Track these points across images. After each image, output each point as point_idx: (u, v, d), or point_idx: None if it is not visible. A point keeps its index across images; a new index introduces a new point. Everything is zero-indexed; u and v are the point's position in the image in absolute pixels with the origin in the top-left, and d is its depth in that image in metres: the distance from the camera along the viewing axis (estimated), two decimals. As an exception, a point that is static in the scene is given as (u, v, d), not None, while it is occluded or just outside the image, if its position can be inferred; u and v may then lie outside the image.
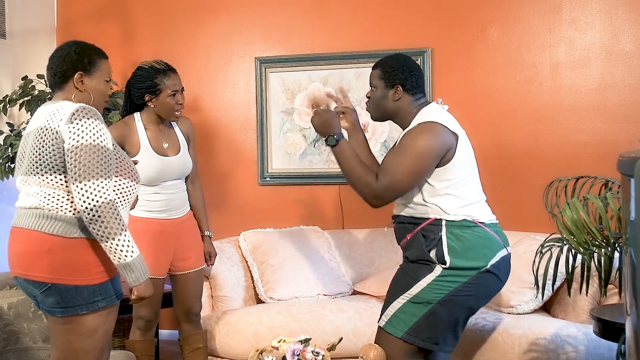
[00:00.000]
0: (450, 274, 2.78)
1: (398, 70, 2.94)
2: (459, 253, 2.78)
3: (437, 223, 2.82)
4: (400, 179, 2.78)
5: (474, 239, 2.80)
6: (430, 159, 2.78)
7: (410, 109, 2.95)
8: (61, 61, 2.54)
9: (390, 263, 4.23)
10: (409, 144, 2.81)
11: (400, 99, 2.94)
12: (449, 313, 2.79)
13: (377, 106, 3.00)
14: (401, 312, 2.82)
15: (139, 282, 2.45)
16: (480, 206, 2.90)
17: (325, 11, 4.68)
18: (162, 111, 3.38)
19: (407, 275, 2.87)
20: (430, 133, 2.80)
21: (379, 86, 2.97)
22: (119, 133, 3.31)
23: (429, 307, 2.78)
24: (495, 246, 2.83)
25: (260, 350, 3.01)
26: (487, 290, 2.87)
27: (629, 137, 4.09)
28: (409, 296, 2.81)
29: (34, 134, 2.48)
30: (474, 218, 2.82)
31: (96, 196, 2.36)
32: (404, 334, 2.80)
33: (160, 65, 3.38)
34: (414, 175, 2.79)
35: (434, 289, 2.78)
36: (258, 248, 4.21)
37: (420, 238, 2.84)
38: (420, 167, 2.78)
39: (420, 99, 2.98)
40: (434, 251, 2.81)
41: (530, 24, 4.34)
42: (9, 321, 3.05)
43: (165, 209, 3.42)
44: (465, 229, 2.81)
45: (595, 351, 3.28)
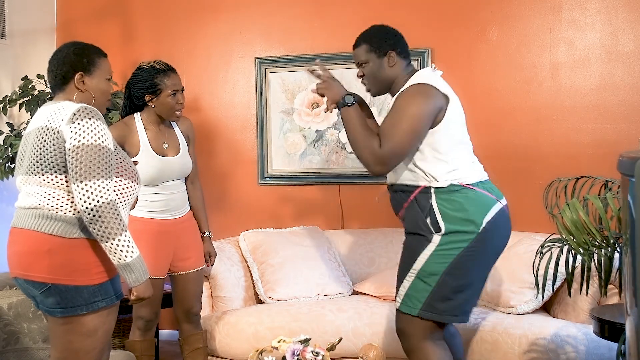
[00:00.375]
0: (449, 240, 2.78)
1: (384, 37, 2.97)
2: (452, 217, 2.78)
3: (427, 191, 2.83)
4: (402, 141, 2.78)
5: (464, 200, 2.80)
6: (425, 119, 2.79)
7: (403, 74, 2.96)
8: (60, 63, 2.54)
9: (390, 263, 4.23)
10: (403, 106, 2.81)
11: (395, 64, 2.95)
12: (459, 280, 2.79)
13: (375, 78, 2.99)
14: (412, 290, 2.82)
15: (138, 283, 2.45)
16: (469, 169, 2.89)
17: (325, 11, 4.68)
18: (162, 111, 3.38)
19: (409, 250, 2.88)
20: (422, 94, 2.81)
21: (371, 59, 2.97)
22: (119, 133, 3.31)
23: (437, 279, 2.77)
24: (488, 203, 2.83)
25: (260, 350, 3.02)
26: (492, 247, 2.86)
27: (629, 137, 4.09)
28: (415, 272, 2.82)
29: (34, 134, 2.48)
30: (461, 181, 2.82)
31: (97, 196, 2.36)
32: (420, 311, 2.80)
33: (160, 65, 3.38)
34: (413, 135, 2.79)
35: (437, 260, 2.78)
36: (258, 248, 4.21)
37: (416, 207, 2.85)
38: (417, 127, 2.78)
39: (409, 65, 3.01)
40: (428, 219, 2.81)
41: (530, 24, 4.34)
42: (9, 321, 3.05)
43: (165, 209, 3.42)
44: (453, 193, 2.81)
45: (595, 351, 3.28)
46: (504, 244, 2.93)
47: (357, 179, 4.60)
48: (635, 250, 1.67)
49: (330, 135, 4.65)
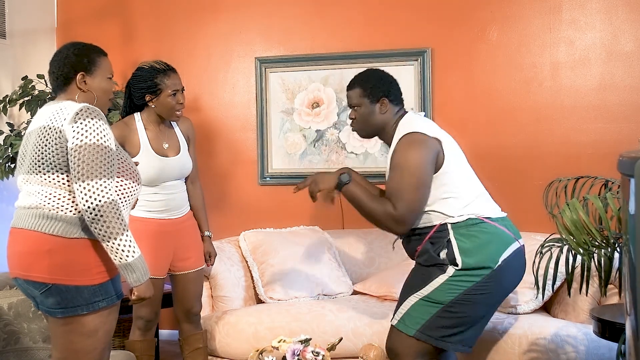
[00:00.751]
0: (464, 273, 2.78)
1: (378, 83, 2.98)
2: (469, 252, 2.78)
3: (443, 228, 2.83)
4: (414, 197, 2.78)
5: (482, 235, 2.80)
6: (427, 168, 2.80)
7: (392, 121, 2.98)
8: (61, 64, 2.54)
9: (390, 263, 4.23)
10: (403, 161, 2.82)
11: (387, 111, 2.97)
12: (463, 312, 2.78)
13: (366, 123, 3.01)
14: (414, 310, 2.82)
15: (139, 283, 2.45)
16: (482, 201, 2.90)
17: (325, 11, 4.68)
18: (162, 111, 3.38)
19: (420, 275, 2.87)
20: (416, 144, 2.82)
21: (363, 103, 2.98)
22: (119, 133, 3.31)
23: (441, 306, 2.77)
24: (506, 240, 2.83)
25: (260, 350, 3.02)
26: (501, 286, 2.86)
27: (629, 137, 4.09)
28: (421, 295, 2.81)
29: (36, 133, 2.48)
30: (478, 215, 2.82)
31: (99, 196, 2.36)
32: (416, 332, 2.80)
33: (160, 65, 3.38)
34: (422, 188, 2.80)
35: (447, 290, 2.78)
36: (258, 248, 4.21)
37: (431, 246, 2.85)
38: (423, 178, 2.79)
39: (400, 110, 3.01)
40: (444, 252, 2.81)
41: (530, 24, 4.34)
42: (9, 321, 3.05)
43: (165, 209, 3.42)
44: (471, 227, 2.80)
45: (595, 351, 3.28)
46: (515, 285, 2.93)
47: (357, 179, 4.59)
48: (635, 250, 1.67)
49: (331, 135, 4.65)
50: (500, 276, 2.81)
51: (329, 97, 4.63)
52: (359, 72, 3.08)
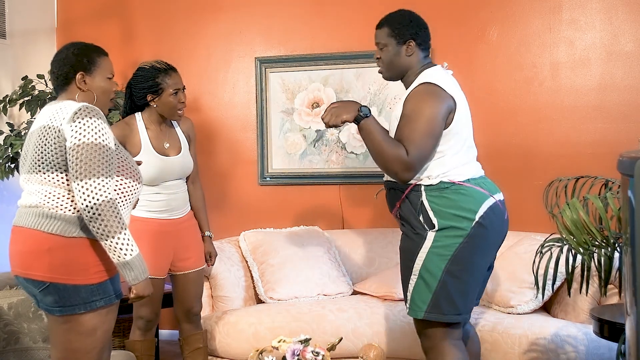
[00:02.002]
0: (444, 235, 2.77)
1: (407, 25, 2.93)
2: (444, 213, 2.77)
3: (417, 189, 2.82)
4: (425, 145, 2.76)
5: (454, 196, 2.79)
6: (440, 120, 2.78)
7: (417, 66, 2.93)
8: (61, 64, 2.55)
9: (390, 263, 4.23)
10: (416, 109, 2.79)
11: (412, 54, 2.93)
12: (459, 277, 2.77)
13: (391, 64, 2.95)
14: (416, 293, 2.82)
15: (138, 281, 2.45)
16: (462, 168, 2.86)
17: (325, 11, 4.68)
18: (164, 110, 3.39)
19: (406, 252, 2.88)
20: (432, 95, 2.80)
21: (390, 44, 2.94)
22: (120, 133, 3.31)
23: (438, 279, 2.77)
24: (479, 198, 2.80)
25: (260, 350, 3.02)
26: (486, 242, 2.83)
27: (629, 137, 4.09)
28: (416, 273, 2.81)
29: (37, 133, 2.49)
30: (451, 179, 2.81)
31: (97, 194, 2.36)
32: (424, 314, 2.79)
33: (161, 65, 3.39)
34: (433, 137, 2.77)
35: (434, 258, 2.77)
36: (258, 248, 4.21)
37: (408, 204, 2.84)
38: (435, 128, 2.77)
39: (426, 57, 2.97)
40: (421, 216, 2.81)
41: (530, 24, 4.34)
42: (9, 321, 3.05)
43: (166, 209, 3.42)
44: (443, 190, 2.80)
45: (595, 351, 3.28)
46: (500, 239, 2.91)
47: (357, 178, 4.60)
48: (635, 250, 1.67)
49: (330, 135, 4.65)
50: (481, 232, 2.78)
51: (329, 97, 4.63)
52: (391, 12, 3.02)
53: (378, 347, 3.30)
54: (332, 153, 4.65)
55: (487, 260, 2.90)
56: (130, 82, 3.42)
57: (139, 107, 3.44)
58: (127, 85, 3.46)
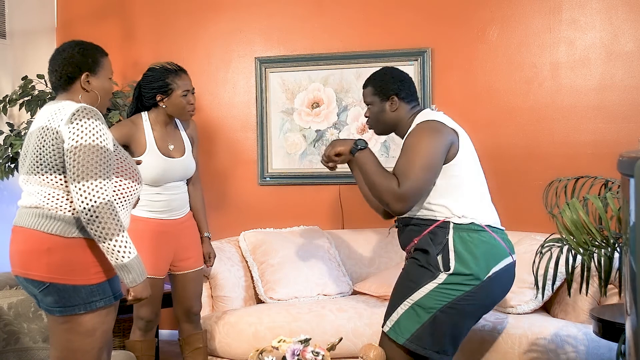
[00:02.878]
0: (454, 281, 2.78)
1: (389, 82, 3.00)
2: (464, 259, 2.78)
3: (445, 226, 2.83)
4: (419, 178, 2.78)
5: (479, 244, 2.80)
6: (439, 153, 2.80)
7: (407, 116, 3.00)
8: (65, 63, 2.53)
9: (390, 263, 4.23)
10: (414, 143, 2.83)
11: (397, 109, 2.99)
12: (452, 321, 2.80)
13: (378, 121, 3.04)
14: (404, 319, 2.83)
15: (136, 283, 2.45)
16: (487, 207, 2.90)
17: (325, 11, 4.68)
18: (174, 111, 3.40)
19: (410, 280, 2.87)
20: (431, 129, 2.84)
21: (375, 102, 3.02)
22: (126, 131, 3.33)
23: (431, 314, 2.78)
24: (500, 253, 2.84)
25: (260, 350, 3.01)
26: (490, 298, 2.88)
27: (629, 137, 4.09)
28: (411, 302, 2.82)
29: (36, 134, 2.49)
30: (481, 222, 2.83)
31: (94, 196, 2.36)
32: (405, 341, 2.81)
33: (171, 66, 3.42)
34: (429, 170, 2.80)
35: (436, 296, 2.79)
36: (258, 248, 4.21)
37: (429, 241, 2.84)
38: (432, 162, 2.80)
39: (415, 107, 3.04)
40: (440, 256, 2.81)
41: (530, 24, 4.34)
42: (9, 321, 3.05)
43: (166, 209, 3.42)
44: (472, 232, 2.81)
45: (595, 351, 3.28)
46: (501, 297, 2.95)
47: (357, 179, 4.60)
48: (635, 250, 1.67)
49: (331, 135, 4.65)
50: (489, 288, 2.82)
51: (329, 97, 4.63)
52: (374, 71, 3.10)
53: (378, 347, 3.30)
54: (332, 153, 4.65)
55: (484, 313, 2.94)
56: (140, 83, 3.43)
57: (146, 108, 3.44)
58: (136, 86, 3.47)
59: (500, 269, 2.82)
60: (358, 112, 4.57)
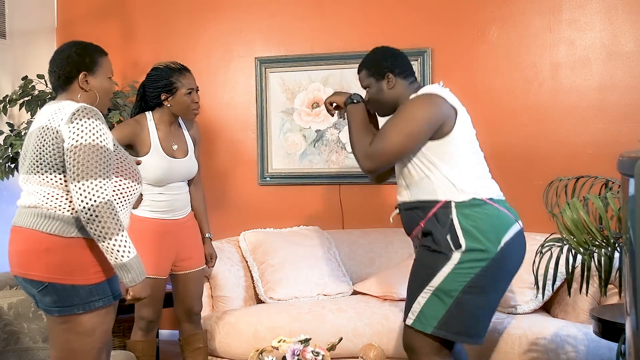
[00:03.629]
0: (468, 258, 2.74)
1: (381, 60, 2.99)
2: (472, 234, 2.75)
3: (447, 206, 2.80)
4: (394, 141, 2.78)
5: (485, 217, 2.78)
6: (425, 124, 2.78)
7: (407, 92, 2.96)
8: (64, 63, 2.54)
9: (390, 263, 4.23)
10: (405, 110, 2.84)
11: (395, 86, 2.97)
12: (476, 300, 2.76)
13: (377, 101, 3.01)
14: (427, 307, 2.78)
15: (135, 283, 2.44)
16: (487, 181, 2.89)
17: (325, 11, 4.68)
18: (179, 110, 3.40)
19: (425, 267, 2.83)
20: (427, 102, 2.83)
21: (371, 83, 3.01)
22: (131, 131, 3.33)
23: (454, 297, 2.75)
24: (507, 222, 2.81)
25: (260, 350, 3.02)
26: (507, 269, 2.84)
27: (629, 137, 4.09)
28: (432, 288, 2.78)
29: (36, 133, 2.49)
30: (482, 196, 2.81)
31: (94, 196, 2.36)
32: (434, 329, 2.77)
33: (175, 65, 3.44)
34: (408, 137, 2.78)
35: (455, 278, 2.75)
36: (258, 248, 4.21)
37: (435, 223, 2.81)
38: (415, 130, 2.78)
39: (413, 82, 3.01)
40: (449, 236, 2.78)
41: (530, 24, 4.34)
42: (9, 321, 3.05)
43: (168, 210, 3.43)
44: (475, 207, 2.78)
45: (595, 351, 3.28)
46: (518, 266, 2.91)
47: (357, 179, 4.60)
48: (635, 250, 1.67)
49: (331, 135, 4.65)
50: (504, 259, 2.78)
51: (329, 97, 4.63)
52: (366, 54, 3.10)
53: (378, 347, 3.30)
54: (332, 153, 4.65)
55: (505, 285, 2.89)
56: (144, 83, 3.44)
57: (150, 108, 3.44)
58: (140, 86, 3.47)
59: (510, 238, 2.79)
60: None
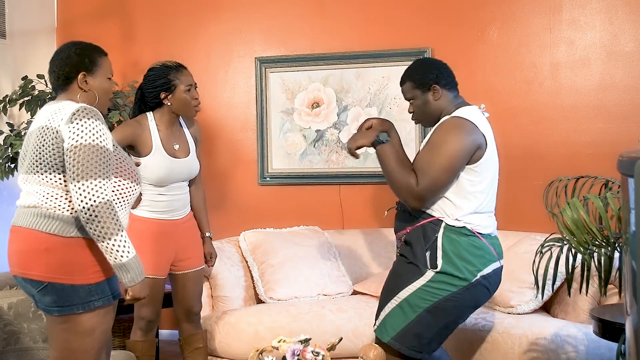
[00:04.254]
0: (441, 279, 2.78)
1: (426, 72, 2.95)
2: (451, 259, 2.78)
3: (437, 223, 2.82)
4: (439, 178, 2.77)
5: (468, 247, 2.80)
6: (462, 156, 2.78)
7: (450, 107, 2.93)
8: (63, 64, 2.54)
9: (390, 263, 4.19)
10: (441, 140, 2.80)
11: (440, 97, 2.93)
12: (436, 321, 2.81)
13: (423, 113, 2.98)
14: (390, 317, 2.85)
15: (134, 283, 2.45)
16: (485, 218, 2.89)
17: (325, 11, 4.68)
18: (179, 107, 3.40)
19: (397, 277, 2.89)
20: (460, 129, 2.80)
21: (417, 95, 2.96)
22: (132, 131, 3.33)
23: (416, 314, 2.79)
24: (488, 257, 2.84)
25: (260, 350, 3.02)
26: (475, 300, 2.88)
27: (629, 137, 4.09)
28: (398, 300, 2.83)
29: (35, 133, 2.49)
30: (474, 228, 2.83)
31: (94, 196, 2.36)
32: (390, 339, 2.83)
33: (171, 63, 3.43)
34: (451, 172, 2.78)
35: (423, 295, 2.80)
36: (258, 248, 4.21)
37: (420, 235, 2.84)
38: (454, 163, 2.77)
39: (457, 97, 2.98)
40: (428, 252, 2.81)
41: (530, 24, 4.34)
42: (9, 321, 3.05)
43: (168, 210, 3.42)
44: (461, 235, 2.81)
45: (595, 351, 3.28)
46: (486, 300, 2.95)
47: (357, 178, 4.60)
48: (635, 250, 1.67)
49: (331, 135, 4.65)
50: (475, 290, 2.83)
51: (329, 97, 4.63)
52: (408, 66, 3.04)
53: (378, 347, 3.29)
54: (332, 153, 4.65)
55: (468, 315, 2.94)
56: (142, 85, 3.43)
57: (150, 110, 3.44)
58: (138, 88, 3.47)
59: (487, 273, 2.83)
60: (358, 112, 4.57)
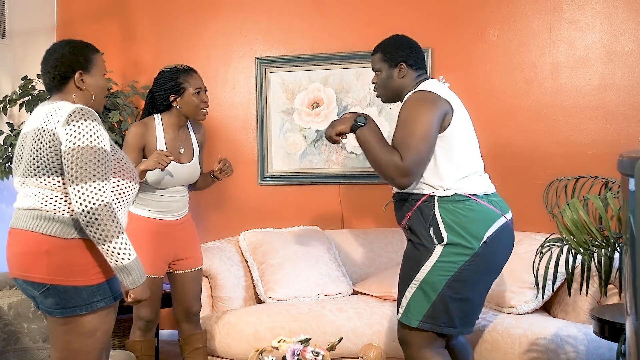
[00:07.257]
0: (450, 251, 2.78)
1: (398, 48, 2.99)
2: (454, 228, 2.79)
3: (430, 200, 2.83)
4: (420, 149, 2.77)
5: (467, 212, 2.80)
6: (434, 125, 2.79)
7: (411, 84, 2.98)
8: (57, 63, 2.52)
9: (390, 263, 4.23)
10: (409, 115, 2.82)
11: (405, 76, 2.98)
12: (460, 293, 2.79)
13: (385, 87, 3.03)
14: (413, 301, 2.83)
15: (136, 285, 2.44)
16: (475, 179, 2.88)
17: (326, 11, 4.68)
18: (188, 110, 3.40)
19: (411, 261, 2.88)
20: (425, 100, 2.83)
21: (383, 68, 3.01)
22: (141, 132, 3.34)
23: (438, 291, 2.78)
24: (491, 217, 2.83)
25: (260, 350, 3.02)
26: (492, 263, 2.86)
27: (629, 137, 4.09)
28: (417, 283, 2.82)
29: (31, 135, 2.47)
30: (465, 192, 2.82)
31: (93, 199, 2.35)
32: (419, 323, 2.81)
33: (181, 66, 3.45)
34: (428, 141, 2.79)
35: (438, 272, 2.79)
36: (258, 248, 4.21)
37: (419, 216, 2.85)
38: (430, 132, 2.78)
39: (421, 75, 3.02)
40: (431, 229, 2.82)
41: (530, 24, 4.34)
42: (9, 321, 3.05)
43: (167, 210, 3.43)
44: (456, 203, 2.81)
45: (595, 351, 3.28)
46: (505, 259, 2.92)
47: (357, 178, 4.60)
48: (635, 250, 1.67)
49: (330, 135, 4.65)
50: (488, 252, 2.80)
51: (329, 97, 4.63)
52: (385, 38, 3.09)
53: (378, 347, 3.31)
54: (332, 153, 4.65)
55: (492, 278, 2.92)
56: (152, 88, 3.44)
57: (159, 112, 3.45)
58: (148, 92, 3.48)
59: (493, 232, 2.81)
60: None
